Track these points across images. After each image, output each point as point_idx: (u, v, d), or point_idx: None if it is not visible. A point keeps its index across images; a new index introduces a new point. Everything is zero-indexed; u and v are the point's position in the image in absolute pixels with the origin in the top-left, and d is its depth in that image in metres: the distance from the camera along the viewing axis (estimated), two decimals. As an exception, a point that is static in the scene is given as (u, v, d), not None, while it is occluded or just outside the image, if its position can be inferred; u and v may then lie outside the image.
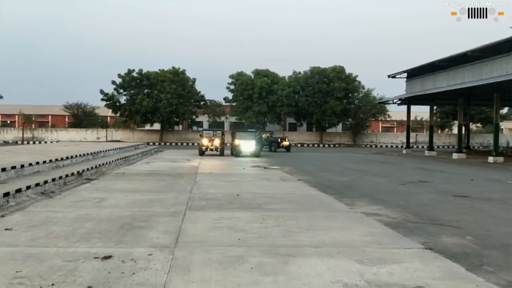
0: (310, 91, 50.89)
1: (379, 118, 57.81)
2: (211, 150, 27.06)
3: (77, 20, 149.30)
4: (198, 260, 5.20)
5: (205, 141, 27.20)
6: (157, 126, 53.32)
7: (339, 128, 57.99)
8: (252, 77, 51.19)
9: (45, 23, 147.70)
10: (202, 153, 26.80)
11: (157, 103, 48.36)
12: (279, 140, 36.62)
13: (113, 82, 49.87)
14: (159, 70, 50.82)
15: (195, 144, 40.02)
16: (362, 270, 4.92)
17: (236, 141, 27.41)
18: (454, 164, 25.06)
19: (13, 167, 11.49)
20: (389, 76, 39.72)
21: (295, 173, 17.08)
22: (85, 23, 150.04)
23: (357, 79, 52.18)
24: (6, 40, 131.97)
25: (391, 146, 53.26)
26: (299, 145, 50.07)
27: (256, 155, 26.41)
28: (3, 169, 10.92)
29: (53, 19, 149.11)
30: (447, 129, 64.60)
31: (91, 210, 8.20)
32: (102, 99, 50.38)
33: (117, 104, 50.59)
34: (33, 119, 60.67)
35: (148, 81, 49.96)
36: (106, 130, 54.15)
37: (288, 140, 37.31)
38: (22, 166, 12.02)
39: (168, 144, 50.10)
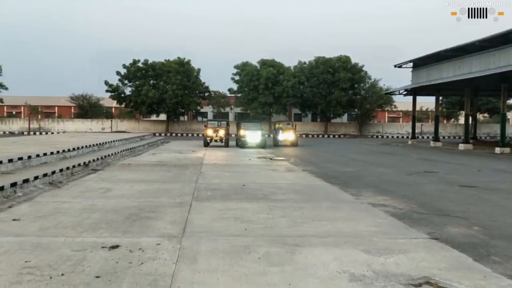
0: (315, 81, 50.53)
1: (385, 109, 57.51)
2: (216, 141, 26.73)
3: (82, 12, 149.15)
4: (205, 249, 5.22)
5: (210, 132, 26.75)
6: (163, 116, 53.32)
7: (344, 118, 57.76)
8: (258, 67, 50.84)
9: (49, 16, 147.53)
10: (207, 144, 26.45)
11: (163, 94, 48.32)
12: (280, 131, 29.33)
13: (118, 73, 49.66)
14: (165, 60, 50.70)
15: (200, 135, 39.84)
16: (369, 260, 4.92)
17: (242, 132, 26.95)
18: (460, 154, 24.94)
19: (20, 158, 11.56)
20: (395, 66, 39.44)
21: (301, 164, 17.07)
22: (89, 16, 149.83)
23: (363, 69, 51.82)
24: (11, 34, 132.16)
25: (397, 137, 53.07)
26: (304, 135, 49.95)
27: (261, 146, 26.18)
28: (10, 160, 10.99)
29: (57, 13, 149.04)
30: (453, 119, 64.18)
31: (97, 201, 8.24)
32: (107, 91, 50.31)
33: (122, 95, 50.51)
34: (39, 109, 60.81)
35: (153, 71, 49.83)
36: (111, 121, 54.10)
37: (294, 130, 29.80)
38: (29, 157, 12.10)
39: (174, 134, 50.21)
